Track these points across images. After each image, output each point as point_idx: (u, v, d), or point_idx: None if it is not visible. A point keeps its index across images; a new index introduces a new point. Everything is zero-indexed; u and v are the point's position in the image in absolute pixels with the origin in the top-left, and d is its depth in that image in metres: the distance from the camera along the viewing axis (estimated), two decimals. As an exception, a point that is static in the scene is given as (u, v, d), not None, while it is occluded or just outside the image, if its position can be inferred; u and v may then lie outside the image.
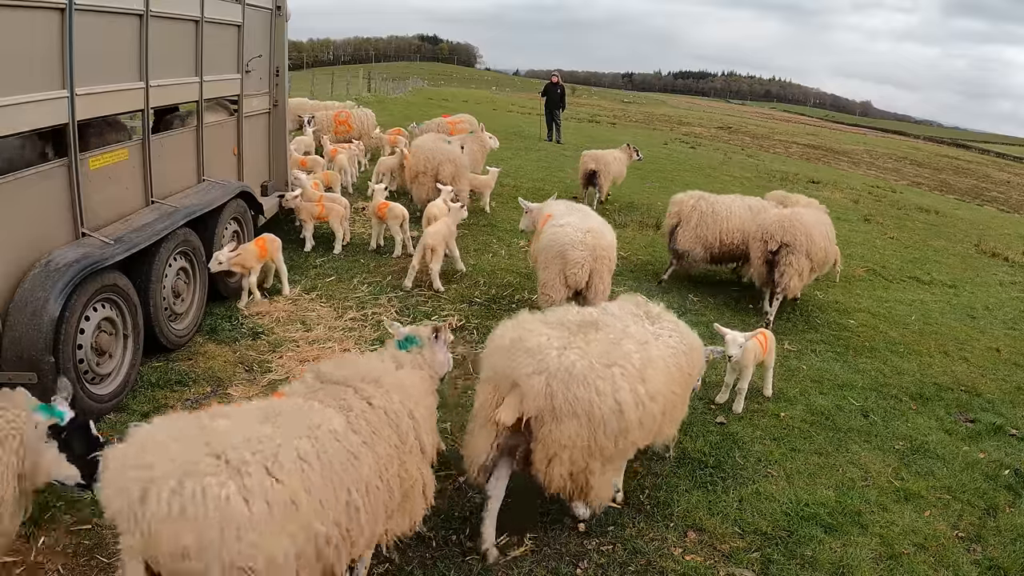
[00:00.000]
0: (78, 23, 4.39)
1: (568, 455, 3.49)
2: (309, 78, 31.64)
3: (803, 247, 7.46)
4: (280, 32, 8.16)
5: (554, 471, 3.53)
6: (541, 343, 3.57)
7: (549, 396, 3.43)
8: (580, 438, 3.46)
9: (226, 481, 2.46)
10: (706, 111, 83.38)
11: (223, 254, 6.17)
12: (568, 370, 3.46)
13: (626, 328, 3.90)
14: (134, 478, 2.43)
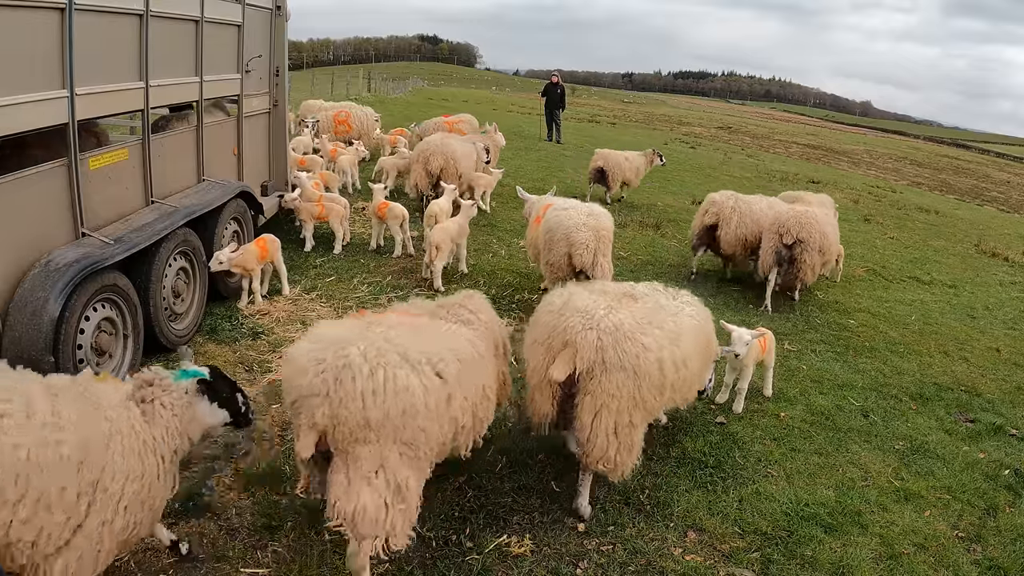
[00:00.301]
0: (78, 23, 4.39)
1: (615, 405, 3.81)
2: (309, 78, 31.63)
3: (816, 243, 7.92)
4: (280, 32, 8.16)
5: (600, 425, 3.81)
6: (590, 304, 3.97)
7: (600, 350, 3.77)
8: (626, 389, 3.79)
9: (409, 374, 3.18)
10: (706, 111, 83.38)
11: (224, 254, 6.16)
12: (617, 327, 3.83)
13: (658, 300, 4.35)
14: (330, 364, 3.09)
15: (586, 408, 3.87)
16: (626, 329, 3.85)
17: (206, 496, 4.00)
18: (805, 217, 8.03)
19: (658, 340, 3.92)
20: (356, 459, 3.13)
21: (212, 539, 3.70)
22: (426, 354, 3.34)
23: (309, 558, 3.63)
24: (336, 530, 3.19)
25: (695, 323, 4.41)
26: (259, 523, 3.86)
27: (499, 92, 69.71)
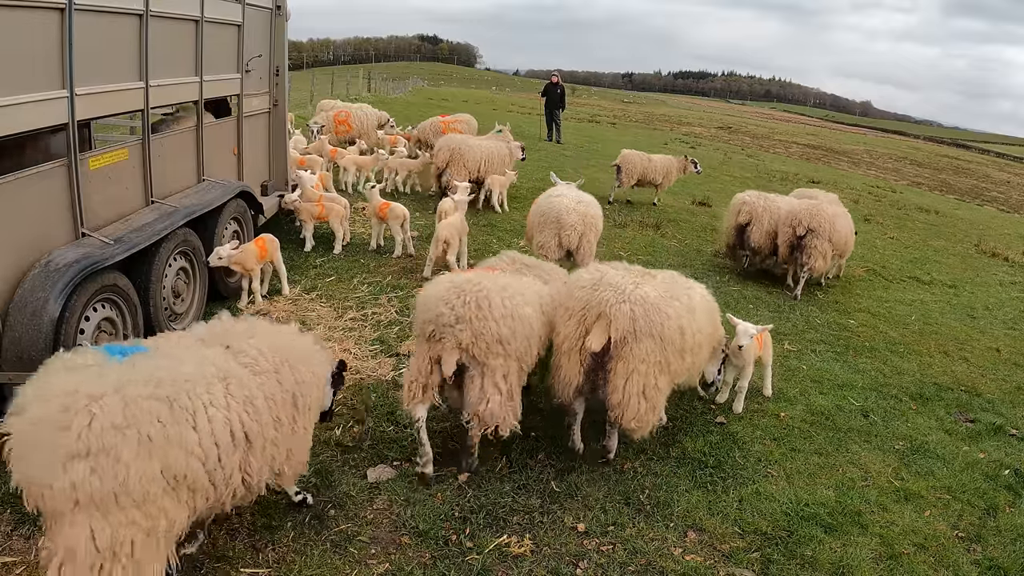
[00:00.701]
0: (78, 23, 4.39)
1: (644, 368, 4.30)
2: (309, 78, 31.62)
3: (826, 233, 8.74)
4: (280, 32, 8.16)
5: (632, 387, 4.31)
6: (620, 280, 4.48)
7: (632, 319, 4.27)
8: (654, 353, 4.31)
9: (526, 304, 4.34)
10: (706, 111, 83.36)
11: (224, 250, 6.16)
12: (645, 299, 4.35)
13: (673, 279, 4.81)
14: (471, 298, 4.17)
15: (619, 373, 4.32)
16: (652, 300, 4.35)
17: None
18: (816, 209, 8.90)
19: (678, 310, 4.41)
20: (489, 369, 4.21)
21: (212, 539, 3.70)
22: (534, 294, 4.53)
23: (309, 558, 3.63)
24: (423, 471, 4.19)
25: (704, 300, 4.90)
26: (259, 523, 3.86)
27: (499, 92, 69.71)
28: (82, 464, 2.68)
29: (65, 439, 2.68)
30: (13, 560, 3.43)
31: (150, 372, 2.97)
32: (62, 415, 2.71)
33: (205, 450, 2.98)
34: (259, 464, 3.27)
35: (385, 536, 3.87)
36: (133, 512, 2.79)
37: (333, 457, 4.51)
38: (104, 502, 2.72)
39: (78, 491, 2.67)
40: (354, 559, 3.68)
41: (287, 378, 3.46)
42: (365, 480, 4.31)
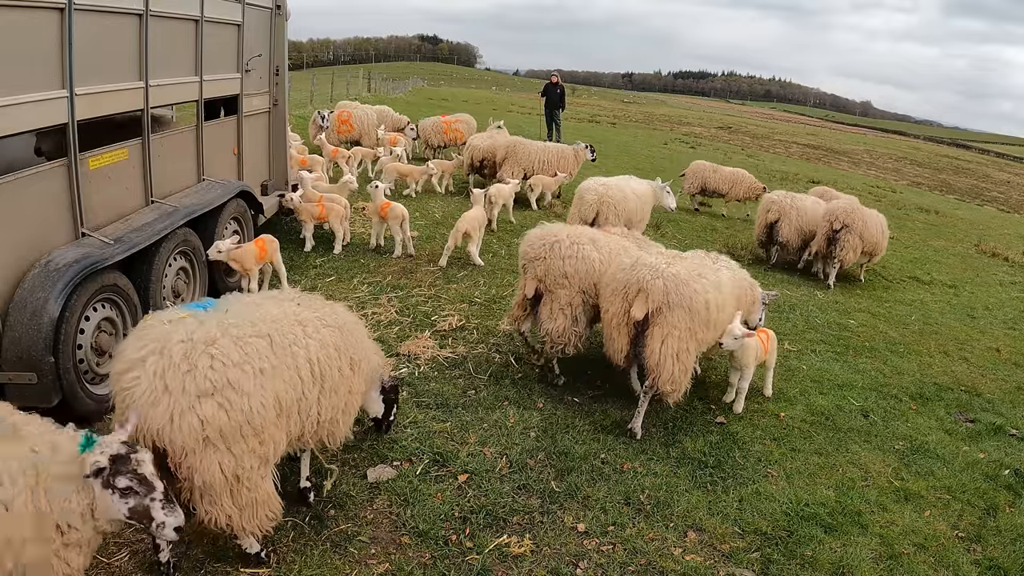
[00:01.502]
0: (78, 23, 4.39)
1: (677, 334, 5.00)
2: (309, 78, 31.60)
3: (858, 229, 9.84)
4: (280, 31, 8.16)
5: (666, 349, 4.99)
6: (654, 261, 5.22)
7: (666, 293, 4.97)
8: (684, 322, 5.00)
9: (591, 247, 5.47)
10: (706, 111, 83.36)
11: (224, 243, 6.15)
12: (676, 276, 5.05)
13: (702, 259, 5.57)
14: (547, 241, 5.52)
15: (656, 337, 5.02)
16: (682, 277, 5.05)
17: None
18: (851, 208, 10.01)
19: (704, 285, 5.08)
20: (556, 297, 5.49)
21: (212, 539, 3.70)
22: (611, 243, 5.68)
23: (309, 558, 3.63)
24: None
25: (731, 275, 5.60)
26: (259, 523, 3.85)
27: (499, 92, 69.70)
28: (210, 401, 3.04)
29: (193, 380, 3.02)
30: (13, 560, 3.42)
31: (243, 315, 3.38)
32: (185, 360, 3.04)
33: (301, 381, 3.42)
34: (328, 405, 3.63)
35: (385, 536, 3.87)
36: (253, 441, 3.20)
37: (333, 457, 4.51)
38: (230, 435, 3.11)
39: (207, 427, 3.03)
40: (354, 559, 3.68)
41: (348, 338, 3.81)
42: (365, 480, 4.31)
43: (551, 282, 5.48)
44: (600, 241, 5.67)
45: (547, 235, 5.62)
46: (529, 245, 5.62)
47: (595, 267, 5.46)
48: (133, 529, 3.69)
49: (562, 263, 5.43)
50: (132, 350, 3.13)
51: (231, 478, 3.15)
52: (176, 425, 2.99)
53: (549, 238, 5.56)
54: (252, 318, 3.37)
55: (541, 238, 5.60)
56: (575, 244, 5.50)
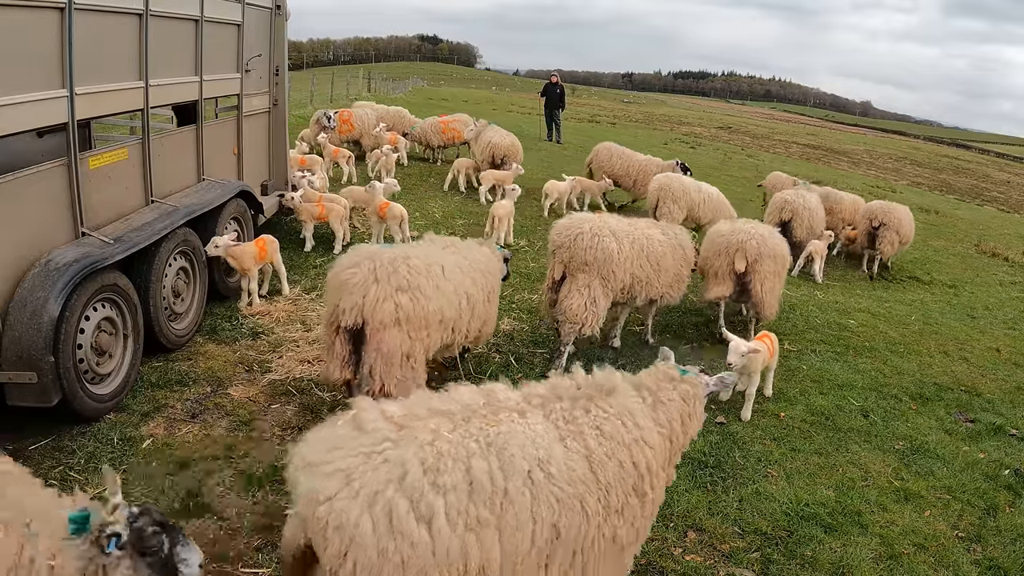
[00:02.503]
0: (78, 23, 4.38)
1: (769, 278, 6.87)
2: (309, 78, 31.58)
3: (895, 226, 11.01)
4: (280, 31, 8.15)
5: (763, 289, 6.86)
6: (744, 226, 7.09)
7: (758, 247, 6.82)
8: (773, 267, 6.87)
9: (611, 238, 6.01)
10: (706, 111, 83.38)
11: (222, 239, 6.15)
12: (762, 235, 6.96)
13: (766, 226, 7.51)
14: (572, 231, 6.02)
15: (757, 280, 6.84)
16: (766, 235, 6.97)
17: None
18: (889, 207, 11.26)
19: (780, 240, 7.07)
20: (576, 280, 5.98)
21: (212, 539, 3.70)
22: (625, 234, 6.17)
23: (309, 558, 3.63)
24: None
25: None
26: (259, 523, 3.85)
27: (499, 92, 69.72)
28: (405, 295, 4.46)
29: (395, 278, 4.47)
30: (13, 560, 3.42)
31: (415, 250, 4.88)
32: (391, 264, 4.50)
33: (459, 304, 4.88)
34: (473, 327, 5.14)
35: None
36: (423, 332, 4.55)
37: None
38: (413, 321, 4.47)
39: (400, 311, 4.40)
40: (354, 559, 3.67)
41: (490, 278, 5.41)
42: (365, 480, 4.31)
43: (574, 267, 6.01)
44: (620, 232, 6.14)
45: (573, 225, 6.10)
46: (557, 233, 6.15)
47: (613, 256, 5.98)
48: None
49: (584, 251, 5.94)
50: (349, 258, 4.61)
51: (404, 353, 4.46)
52: (380, 305, 4.38)
53: (575, 228, 6.04)
54: (424, 251, 4.90)
55: (568, 227, 6.09)
56: (596, 235, 5.97)
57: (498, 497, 2.56)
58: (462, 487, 2.51)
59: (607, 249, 5.96)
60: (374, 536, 2.33)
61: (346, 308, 4.38)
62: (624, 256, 6.05)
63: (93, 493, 3.91)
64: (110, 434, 4.46)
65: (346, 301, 4.39)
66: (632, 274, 6.15)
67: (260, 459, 4.41)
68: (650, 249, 6.27)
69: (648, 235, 6.35)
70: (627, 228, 6.29)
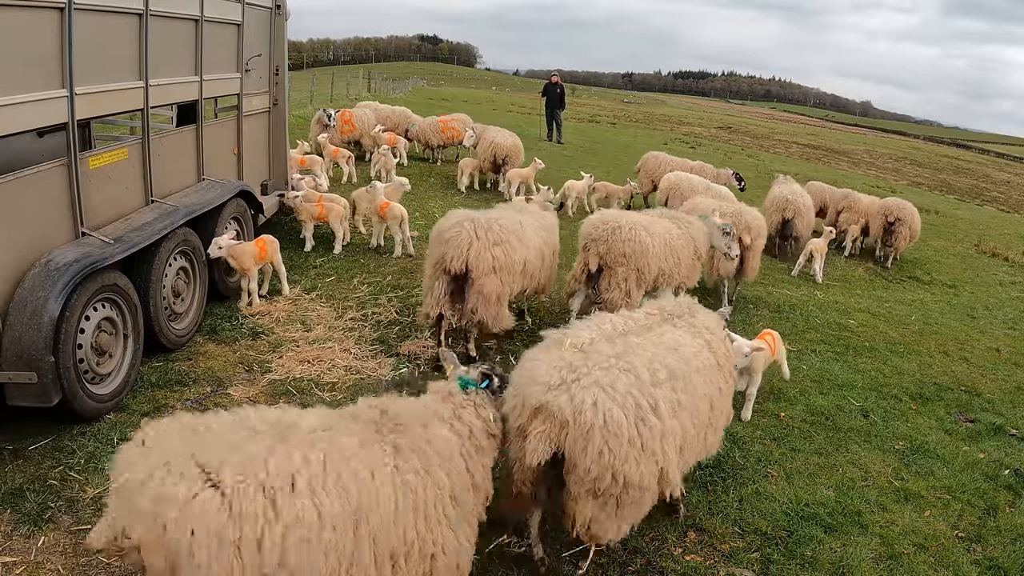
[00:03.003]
0: (78, 23, 4.38)
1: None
2: (309, 78, 31.58)
3: (908, 222, 11.73)
4: (280, 31, 8.15)
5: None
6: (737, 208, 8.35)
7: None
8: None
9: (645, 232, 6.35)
10: (706, 111, 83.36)
11: (224, 240, 6.15)
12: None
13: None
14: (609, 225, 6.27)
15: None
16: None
17: None
18: (902, 203, 12.01)
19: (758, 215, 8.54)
20: (615, 273, 6.29)
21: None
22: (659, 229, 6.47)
23: (309, 558, 3.62)
24: None
25: None
26: (259, 523, 3.85)
27: (499, 92, 69.70)
28: (499, 248, 5.62)
29: (491, 234, 5.65)
30: (13, 560, 3.42)
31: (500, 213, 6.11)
32: (487, 223, 5.70)
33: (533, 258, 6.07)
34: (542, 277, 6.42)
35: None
36: (510, 278, 5.77)
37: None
38: (505, 269, 5.68)
39: (496, 261, 5.61)
40: (354, 559, 3.67)
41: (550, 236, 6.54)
42: (365, 480, 4.31)
43: (611, 260, 6.25)
44: (652, 227, 6.44)
45: (609, 220, 6.35)
46: (592, 227, 6.38)
47: (648, 249, 6.27)
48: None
49: (622, 244, 6.19)
50: (450, 220, 5.78)
51: (497, 295, 5.67)
52: (481, 257, 5.54)
53: (611, 223, 6.29)
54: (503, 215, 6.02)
55: (604, 222, 6.34)
56: (632, 229, 6.26)
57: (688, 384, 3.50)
58: (666, 382, 3.38)
59: (643, 243, 6.23)
60: (627, 428, 3.11)
61: (453, 257, 5.55)
62: (656, 251, 6.35)
63: (94, 493, 3.92)
64: (110, 434, 4.46)
65: (452, 252, 5.54)
66: (659, 267, 6.42)
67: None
68: (671, 242, 6.54)
69: (667, 228, 6.60)
70: (654, 222, 6.56)
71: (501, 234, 5.68)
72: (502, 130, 13.60)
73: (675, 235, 6.63)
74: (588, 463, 3.09)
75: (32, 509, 3.73)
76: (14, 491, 3.85)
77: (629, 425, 3.13)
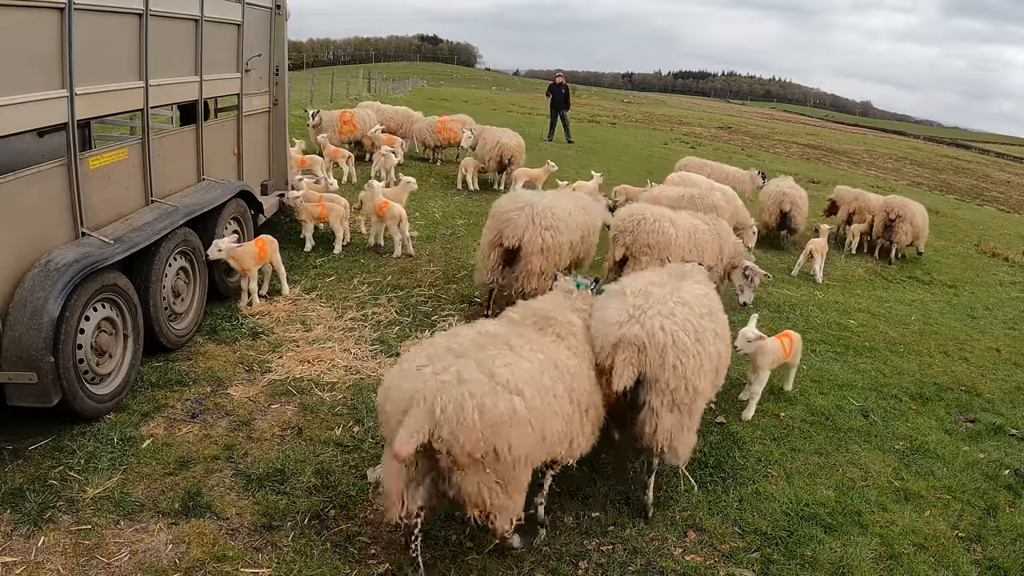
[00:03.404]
0: (77, 23, 4.38)
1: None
2: (309, 78, 31.57)
3: (909, 218, 12.15)
4: (280, 31, 8.15)
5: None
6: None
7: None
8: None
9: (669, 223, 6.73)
10: (706, 111, 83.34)
11: (223, 242, 6.14)
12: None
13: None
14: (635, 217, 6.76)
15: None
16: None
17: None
18: (903, 201, 12.45)
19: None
20: (639, 263, 6.61)
21: (212, 539, 3.70)
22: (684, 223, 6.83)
23: (309, 558, 3.63)
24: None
25: None
26: (259, 523, 3.85)
27: (499, 92, 69.69)
28: (548, 232, 6.39)
29: (544, 220, 6.40)
30: (13, 560, 3.42)
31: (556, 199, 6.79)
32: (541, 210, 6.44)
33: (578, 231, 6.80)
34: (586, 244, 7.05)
35: (385, 536, 3.87)
36: (555, 256, 6.47)
37: (333, 457, 4.51)
38: (551, 249, 6.41)
39: (544, 244, 6.34)
40: (354, 559, 3.68)
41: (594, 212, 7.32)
42: (365, 480, 4.31)
43: (636, 250, 6.66)
44: (678, 221, 6.80)
45: (636, 212, 6.82)
46: (621, 219, 6.85)
47: (671, 241, 6.61)
48: (135, 529, 3.70)
49: (646, 235, 6.59)
50: (512, 202, 6.59)
51: (542, 273, 6.38)
52: (535, 240, 6.33)
53: (637, 215, 6.75)
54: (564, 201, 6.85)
55: (631, 214, 6.81)
56: (657, 221, 6.66)
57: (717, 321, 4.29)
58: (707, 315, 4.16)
59: (666, 234, 6.61)
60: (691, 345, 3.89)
61: (509, 236, 6.39)
62: (679, 242, 6.67)
63: (94, 493, 3.92)
64: (110, 434, 4.46)
65: (509, 231, 6.39)
66: (683, 258, 6.63)
67: (260, 459, 4.41)
68: (697, 236, 6.84)
69: (694, 223, 6.98)
70: (681, 217, 6.95)
71: (552, 220, 6.43)
72: (506, 130, 13.71)
73: (702, 231, 6.91)
74: (667, 376, 3.83)
75: (32, 509, 3.73)
76: (14, 491, 3.86)
77: (691, 343, 3.90)
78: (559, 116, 22.90)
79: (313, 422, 4.90)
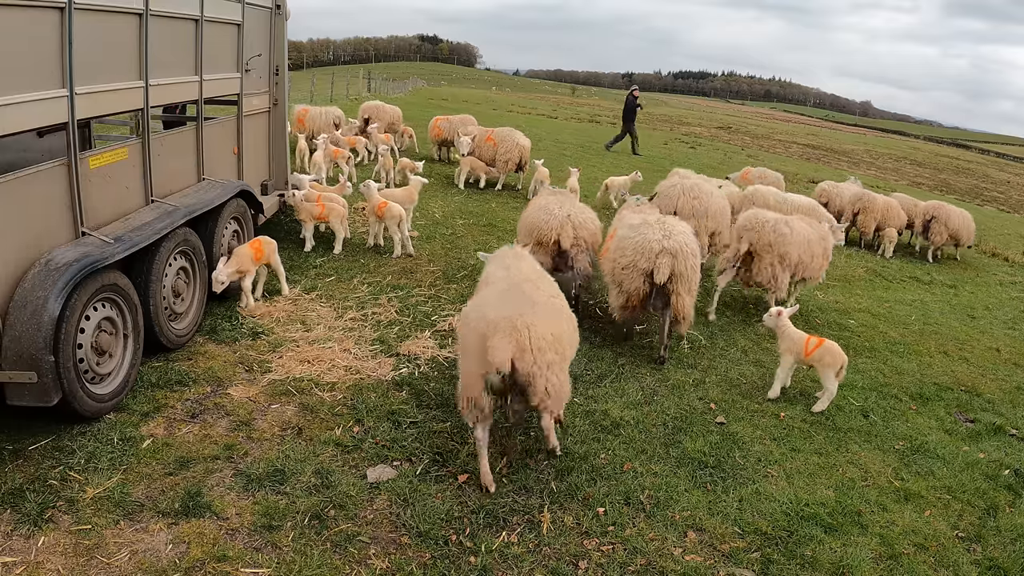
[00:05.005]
0: (77, 22, 4.38)
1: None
2: (309, 78, 31.58)
3: (944, 220, 13.20)
4: (280, 31, 8.15)
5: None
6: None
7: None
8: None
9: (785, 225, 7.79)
10: (706, 111, 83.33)
11: (221, 272, 6.15)
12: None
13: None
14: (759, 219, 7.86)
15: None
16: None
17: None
18: (939, 204, 13.58)
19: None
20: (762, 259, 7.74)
21: (212, 539, 3.70)
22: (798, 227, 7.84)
23: (309, 558, 3.63)
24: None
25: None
26: (259, 523, 3.85)
27: (499, 92, 69.67)
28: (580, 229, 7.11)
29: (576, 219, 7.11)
30: (13, 560, 3.42)
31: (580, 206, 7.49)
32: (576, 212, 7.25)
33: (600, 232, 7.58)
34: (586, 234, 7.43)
35: (385, 536, 3.87)
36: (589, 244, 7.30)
37: (333, 457, 4.51)
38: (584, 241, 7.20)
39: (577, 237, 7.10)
40: (354, 559, 3.68)
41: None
42: (365, 480, 4.31)
43: (760, 247, 7.67)
44: (793, 224, 7.79)
45: (760, 215, 7.87)
46: (745, 219, 7.88)
47: (787, 239, 7.61)
48: (135, 529, 3.70)
49: (768, 235, 7.63)
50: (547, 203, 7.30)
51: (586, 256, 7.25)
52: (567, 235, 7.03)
53: (761, 217, 7.82)
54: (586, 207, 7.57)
55: (755, 216, 7.86)
56: (777, 223, 7.70)
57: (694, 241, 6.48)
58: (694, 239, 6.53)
59: (783, 234, 7.63)
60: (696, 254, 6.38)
61: (547, 232, 7.09)
62: (794, 240, 7.65)
63: (94, 493, 3.92)
64: (110, 434, 4.46)
65: (544, 228, 7.11)
66: (798, 255, 7.72)
67: (260, 459, 4.41)
68: (808, 239, 7.81)
69: (802, 227, 7.91)
70: (795, 220, 7.93)
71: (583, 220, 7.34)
72: (517, 131, 13.88)
73: (811, 235, 7.93)
74: (689, 272, 6.21)
75: (32, 509, 3.73)
76: (14, 491, 3.85)
77: (695, 254, 6.31)
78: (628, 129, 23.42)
79: (313, 422, 4.90)
